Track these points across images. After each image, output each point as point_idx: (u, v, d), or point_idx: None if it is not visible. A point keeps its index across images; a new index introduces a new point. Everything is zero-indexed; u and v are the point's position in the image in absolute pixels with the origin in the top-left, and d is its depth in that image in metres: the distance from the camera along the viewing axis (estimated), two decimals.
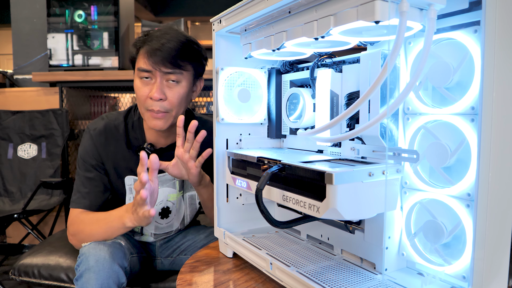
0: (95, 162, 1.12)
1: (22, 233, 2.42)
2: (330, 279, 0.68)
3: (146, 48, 1.02)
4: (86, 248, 1.00)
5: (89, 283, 0.92)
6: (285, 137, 0.97)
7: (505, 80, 0.52)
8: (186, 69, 1.04)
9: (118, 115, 1.18)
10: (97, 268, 0.93)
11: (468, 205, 0.57)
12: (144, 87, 1.04)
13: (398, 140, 0.67)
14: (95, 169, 1.13)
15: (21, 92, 2.53)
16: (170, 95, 1.04)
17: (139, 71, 1.04)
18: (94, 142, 1.13)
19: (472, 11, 0.57)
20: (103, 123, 1.15)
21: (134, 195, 1.15)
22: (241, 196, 0.96)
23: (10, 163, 2.31)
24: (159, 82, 1.02)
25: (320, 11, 0.61)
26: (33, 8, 2.71)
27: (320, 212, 0.60)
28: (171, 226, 1.23)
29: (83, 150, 1.14)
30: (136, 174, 1.14)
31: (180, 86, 1.05)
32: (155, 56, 1.00)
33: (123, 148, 1.14)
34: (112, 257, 0.97)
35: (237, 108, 0.93)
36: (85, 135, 1.15)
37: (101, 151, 1.13)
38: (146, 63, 1.02)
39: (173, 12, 5.89)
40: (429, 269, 0.65)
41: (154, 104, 1.03)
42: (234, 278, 0.80)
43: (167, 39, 1.01)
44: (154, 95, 1.02)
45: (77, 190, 1.12)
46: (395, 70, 0.66)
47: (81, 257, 0.98)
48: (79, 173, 1.13)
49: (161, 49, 1.00)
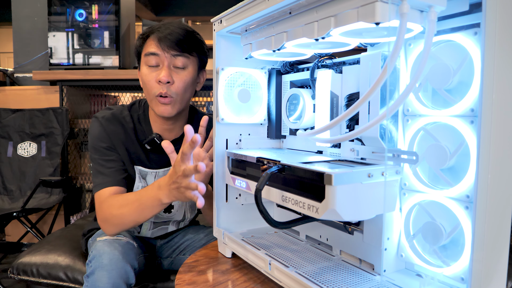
0: (108, 144, 1.12)
1: (21, 231, 2.42)
2: (329, 280, 0.68)
3: (155, 35, 1.06)
4: (101, 244, 1.00)
5: (101, 281, 0.92)
6: (285, 137, 0.97)
7: (505, 82, 0.52)
8: (192, 55, 1.08)
9: (122, 108, 1.18)
10: (110, 267, 0.94)
11: (467, 207, 0.57)
12: (151, 73, 1.07)
13: (398, 141, 0.67)
14: (111, 151, 1.12)
15: (22, 90, 2.53)
16: (177, 79, 1.07)
17: (147, 57, 1.06)
18: (104, 128, 1.12)
19: (472, 13, 0.57)
20: (110, 112, 1.15)
21: (143, 184, 1.16)
22: (241, 196, 0.96)
23: (9, 161, 2.31)
24: (166, 65, 1.05)
25: (320, 12, 0.61)
26: (34, 7, 2.71)
27: (319, 212, 0.60)
28: (172, 216, 1.23)
29: (93, 137, 1.12)
30: (144, 165, 1.15)
31: (187, 71, 1.08)
32: (165, 39, 1.04)
33: (132, 138, 1.14)
34: (125, 257, 0.98)
35: (237, 108, 0.93)
36: (94, 123, 1.14)
37: (112, 137, 1.12)
38: (155, 47, 1.05)
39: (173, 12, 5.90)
40: (428, 270, 0.65)
41: (162, 87, 1.05)
42: (233, 278, 0.81)
43: (174, 27, 1.07)
44: (162, 78, 1.04)
45: (99, 172, 1.09)
46: (395, 71, 0.66)
47: (94, 253, 0.98)
48: (95, 159, 1.11)
49: (171, 33, 1.04)
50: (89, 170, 2.59)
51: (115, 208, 1.02)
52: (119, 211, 1.01)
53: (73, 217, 2.48)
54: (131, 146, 1.14)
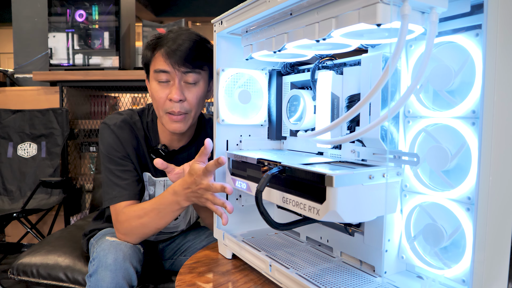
0: (123, 154, 1.09)
1: (21, 232, 2.41)
2: (329, 281, 0.68)
3: (164, 50, 1.01)
4: (108, 244, 0.99)
5: (104, 281, 0.92)
6: (286, 138, 0.97)
7: (506, 84, 0.52)
8: (203, 69, 1.05)
9: (132, 113, 1.16)
10: (114, 267, 0.94)
11: (468, 209, 0.57)
12: (162, 89, 1.04)
13: (399, 143, 0.67)
14: (126, 160, 1.10)
15: (22, 91, 2.53)
16: (189, 96, 1.04)
17: (157, 73, 1.03)
18: (116, 136, 1.09)
19: (474, 15, 0.57)
20: (121, 118, 1.12)
21: (150, 192, 1.16)
22: (241, 197, 0.96)
23: (9, 162, 2.31)
24: (177, 83, 1.02)
25: (321, 13, 0.61)
26: (34, 7, 2.71)
27: (320, 214, 0.60)
28: (177, 227, 1.23)
29: (107, 146, 1.09)
30: (151, 172, 1.14)
31: (198, 87, 1.05)
32: (174, 56, 1.00)
33: (142, 145, 1.13)
34: (130, 259, 0.98)
35: (237, 109, 0.93)
36: (105, 131, 1.11)
37: (125, 145, 1.10)
38: (164, 64, 1.01)
39: (174, 13, 5.91)
40: (429, 272, 0.65)
41: (174, 105, 1.03)
42: (233, 280, 0.80)
43: (183, 40, 1.02)
44: (174, 97, 1.01)
45: (115, 184, 1.07)
46: (396, 73, 0.66)
47: (99, 251, 0.98)
48: (110, 169, 1.08)
49: (179, 49, 1.00)
50: (90, 171, 2.59)
51: (134, 220, 1.01)
52: (139, 222, 1.00)
53: (73, 218, 2.48)
54: (141, 153, 1.13)
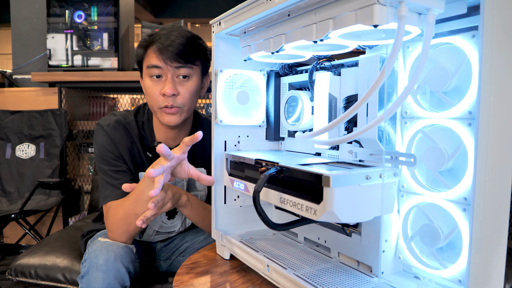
0: (116, 155, 1.10)
1: (19, 233, 2.41)
2: (327, 281, 0.68)
3: (156, 46, 1.03)
4: (99, 245, 0.99)
5: (96, 282, 0.92)
6: (283, 139, 0.97)
7: (503, 85, 0.52)
8: (195, 64, 1.07)
9: (127, 113, 1.17)
10: (106, 268, 0.94)
11: (464, 209, 0.58)
12: (155, 85, 1.06)
13: (396, 143, 0.67)
14: (119, 161, 1.11)
15: (20, 92, 2.53)
16: (182, 90, 1.06)
17: (150, 69, 1.05)
18: (110, 137, 1.11)
19: (470, 16, 0.57)
20: (115, 119, 1.14)
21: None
22: (239, 198, 0.96)
23: (8, 163, 2.31)
24: (170, 77, 1.04)
25: (319, 15, 0.61)
26: (33, 8, 2.71)
27: (317, 214, 0.61)
28: (174, 226, 1.23)
29: (101, 147, 1.11)
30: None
31: (191, 81, 1.07)
32: (166, 51, 1.02)
33: (137, 145, 1.14)
34: (121, 259, 0.97)
35: (235, 110, 0.93)
36: (99, 132, 1.12)
37: (118, 145, 1.11)
38: (157, 60, 1.03)
39: (173, 14, 5.91)
40: (426, 272, 0.66)
41: (168, 100, 1.05)
42: (231, 280, 0.80)
43: (175, 36, 1.04)
44: (167, 91, 1.03)
45: (108, 183, 1.08)
46: (393, 74, 0.66)
47: (90, 251, 0.98)
48: (103, 170, 1.10)
49: (171, 44, 1.02)
50: (88, 172, 2.59)
51: (117, 209, 1.02)
52: (121, 210, 1.01)
53: (72, 219, 2.47)
54: (136, 153, 1.14)
